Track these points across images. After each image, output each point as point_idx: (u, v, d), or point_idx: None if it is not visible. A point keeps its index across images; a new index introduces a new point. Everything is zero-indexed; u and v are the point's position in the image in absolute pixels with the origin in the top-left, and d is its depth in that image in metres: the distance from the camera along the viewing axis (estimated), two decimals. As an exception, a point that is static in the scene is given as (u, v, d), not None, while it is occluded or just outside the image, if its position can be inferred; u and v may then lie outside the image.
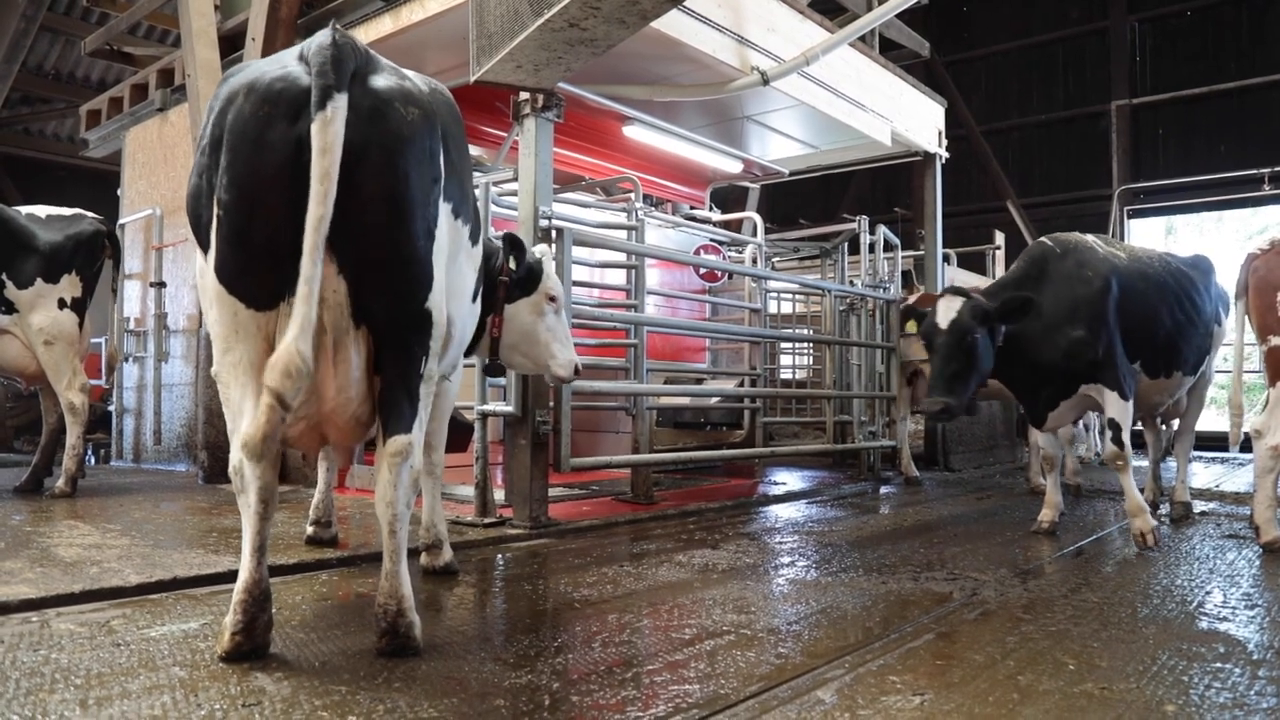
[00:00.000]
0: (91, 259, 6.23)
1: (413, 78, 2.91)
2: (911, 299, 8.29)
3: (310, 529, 4.40)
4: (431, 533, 3.90)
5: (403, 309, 2.75)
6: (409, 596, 2.77)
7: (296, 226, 2.46)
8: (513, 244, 4.06)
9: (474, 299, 3.52)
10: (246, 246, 2.59)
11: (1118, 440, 4.89)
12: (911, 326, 5.30)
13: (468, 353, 4.15)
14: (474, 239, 3.33)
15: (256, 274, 2.60)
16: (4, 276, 5.88)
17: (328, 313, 2.63)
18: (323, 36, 2.60)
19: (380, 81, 2.71)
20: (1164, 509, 6.07)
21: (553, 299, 4.24)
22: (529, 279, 4.14)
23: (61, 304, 6.03)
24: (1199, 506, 6.40)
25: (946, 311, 4.83)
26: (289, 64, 2.65)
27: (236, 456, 2.64)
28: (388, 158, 2.63)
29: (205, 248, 2.72)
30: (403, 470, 2.76)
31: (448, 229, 2.92)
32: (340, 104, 2.48)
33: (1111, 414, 4.91)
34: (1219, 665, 2.72)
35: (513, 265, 4.06)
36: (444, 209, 2.87)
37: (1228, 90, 16.34)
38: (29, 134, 16.62)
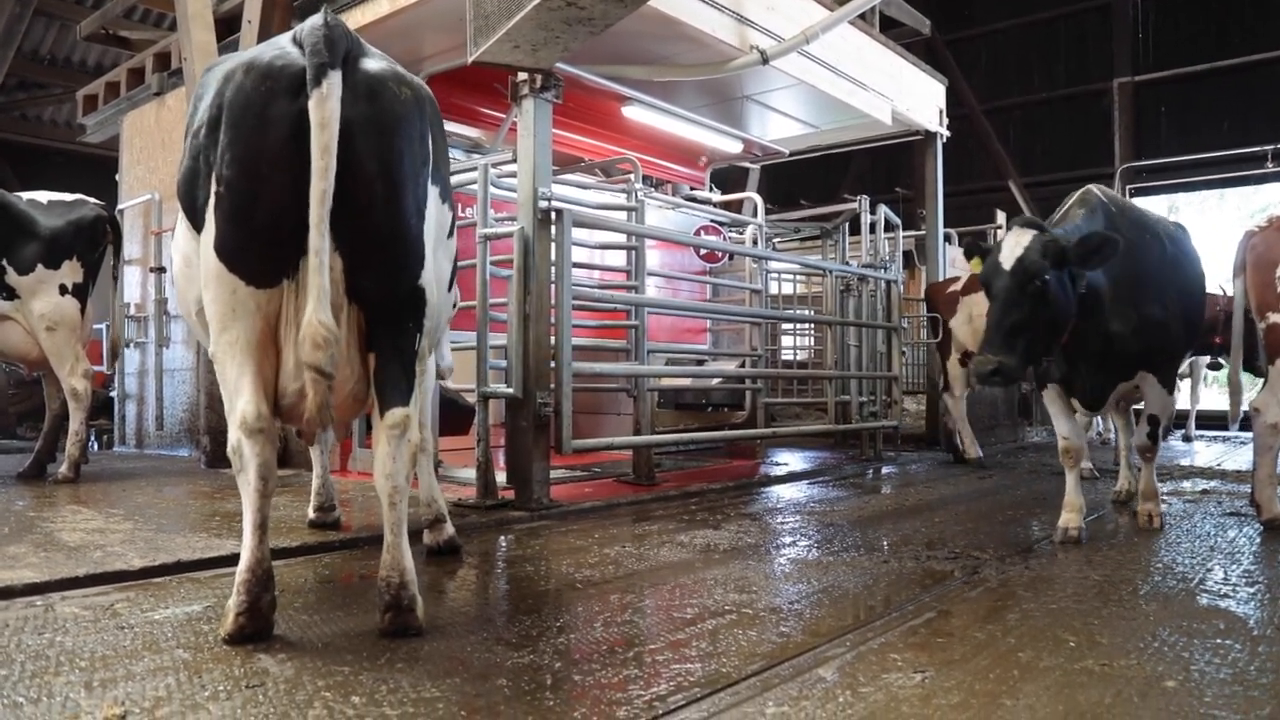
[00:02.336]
0: (93, 244, 6.22)
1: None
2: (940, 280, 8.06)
3: (312, 514, 4.41)
4: (433, 508, 3.92)
5: (397, 286, 2.80)
6: (411, 569, 2.79)
7: (298, 202, 2.52)
8: None
9: (449, 287, 3.64)
10: (249, 223, 2.62)
11: (1155, 436, 4.58)
12: (975, 265, 4.44)
13: None
14: (451, 231, 3.41)
15: (258, 251, 2.63)
16: (5, 262, 5.88)
17: None
18: (315, 19, 2.68)
19: (372, 64, 2.79)
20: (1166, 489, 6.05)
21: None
22: None
23: (63, 290, 6.02)
24: (1200, 485, 6.41)
25: (1013, 248, 3.99)
26: (285, 45, 2.73)
27: (235, 436, 2.66)
28: (382, 135, 2.70)
29: (200, 228, 2.74)
30: (401, 443, 2.80)
31: (436, 212, 2.99)
32: (335, 80, 2.56)
33: (1155, 409, 4.56)
34: (1220, 641, 2.72)
35: None
36: (433, 192, 2.94)
37: (1231, 67, 16.22)
38: (26, 119, 16.54)
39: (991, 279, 4.03)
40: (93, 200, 6.38)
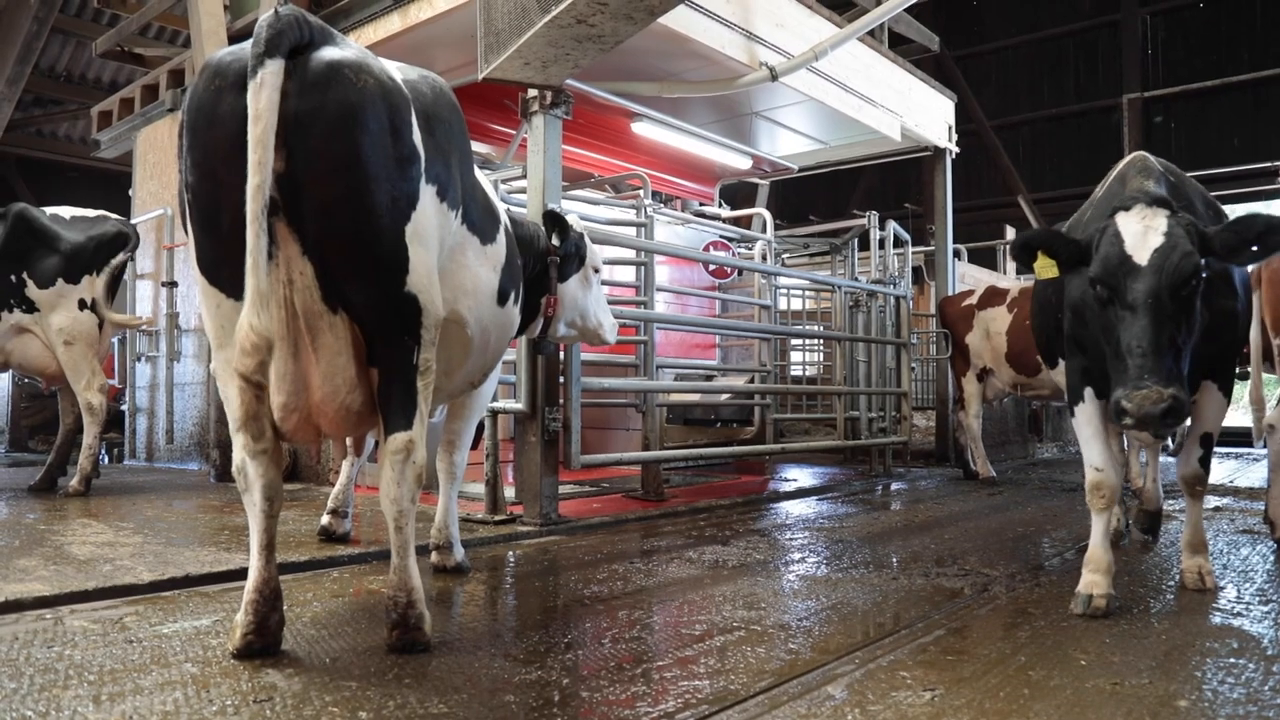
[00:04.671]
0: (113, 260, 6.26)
1: (391, 66, 2.79)
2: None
3: (326, 518, 4.41)
4: (443, 534, 3.88)
5: (379, 292, 2.63)
6: (418, 589, 2.77)
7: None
8: (553, 219, 4.03)
9: (501, 301, 3.39)
10: (214, 230, 2.53)
11: (1208, 461, 3.64)
12: (1046, 267, 3.28)
13: (517, 333, 4.12)
14: (484, 237, 3.24)
15: (228, 260, 2.48)
16: (26, 276, 5.94)
17: (297, 296, 2.54)
18: (268, 11, 2.52)
19: (331, 52, 2.57)
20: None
21: (596, 270, 4.30)
22: (577, 255, 4.16)
23: (82, 305, 6.07)
24: (1212, 502, 6.36)
25: (1146, 235, 3.01)
26: (245, 44, 2.58)
27: (239, 455, 2.64)
28: (336, 126, 2.49)
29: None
30: (405, 468, 2.73)
31: (434, 212, 2.78)
32: (272, 69, 2.38)
33: (1210, 426, 3.62)
34: (1233, 660, 2.70)
35: (556, 241, 4.04)
36: (426, 190, 2.72)
37: (1240, 83, 16.23)
38: (41, 135, 16.69)
39: (1124, 281, 2.99)
40: (115, 216, 6.45)
